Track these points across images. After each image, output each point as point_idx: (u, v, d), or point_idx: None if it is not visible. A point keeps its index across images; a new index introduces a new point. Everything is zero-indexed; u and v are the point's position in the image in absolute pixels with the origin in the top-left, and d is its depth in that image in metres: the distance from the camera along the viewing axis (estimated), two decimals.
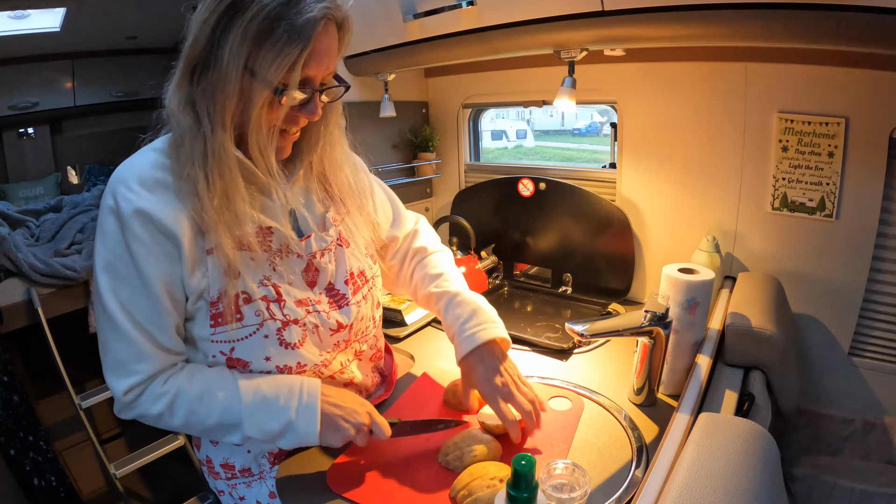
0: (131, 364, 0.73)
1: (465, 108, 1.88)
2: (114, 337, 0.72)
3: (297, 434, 0.77)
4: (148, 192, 0.70)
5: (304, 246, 0.82)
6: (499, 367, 0.90)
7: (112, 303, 0.71)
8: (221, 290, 0.73)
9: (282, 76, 0.67)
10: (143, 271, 0.70)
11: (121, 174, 0.72)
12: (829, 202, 1.25)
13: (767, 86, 1.27)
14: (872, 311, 1.29)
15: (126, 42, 3.47)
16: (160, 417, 0.75)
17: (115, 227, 0.70)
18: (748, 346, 1.01)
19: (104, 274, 0.71)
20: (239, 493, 0.89)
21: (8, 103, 3.24)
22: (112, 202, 0.70)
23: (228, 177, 0.70)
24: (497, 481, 0.73)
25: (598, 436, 0.91)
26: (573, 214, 1.60)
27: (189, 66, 0.70)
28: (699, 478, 0.60)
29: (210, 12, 0.66)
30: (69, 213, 1.95)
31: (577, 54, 1.12)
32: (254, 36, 0.65)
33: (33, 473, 1.58)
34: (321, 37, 0.68)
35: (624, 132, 1.51)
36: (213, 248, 0.73)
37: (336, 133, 0.85)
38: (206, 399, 0.75)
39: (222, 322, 0.74)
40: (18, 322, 1.56)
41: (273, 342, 0.77)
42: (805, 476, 1.18)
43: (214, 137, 0.69)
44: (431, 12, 1.21)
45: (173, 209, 0.70)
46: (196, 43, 0.68)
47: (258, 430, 0.76)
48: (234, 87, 0.67)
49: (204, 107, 0.70)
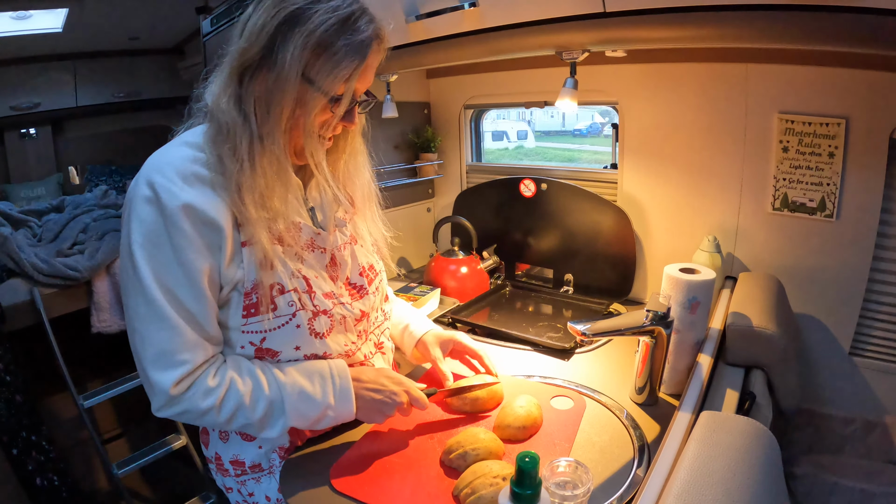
0: (178, 354, 0.71)
1: (466, 109, 1.89)
2: (158, 326, 0.70)
3: (336, 416, 0.83)
4: (189, 186, 0.71)
5: (330, 240, 0.87)
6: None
7: (156, 291, 0.70)
8: (256, 280, 0.75)
9: (337, 86, 0.73)
10: (187, 262, 0.71)
11: (157, 165, 0.72)
12: (829, 202, 1.26)
13: (768, 87, 1.27)
14: (873, 311, 1.29)
15: (128, 43, 3.48)
16: (205, 414, 0.74)
17: (155, 217, 0.69)
18: (749, 345, 1.01)
19: (146, 262, 0.69)
20: (248, 490, 0.89)
21: (10, 104, 3.25)
22: (150, 192, 0.69)
23: (272, 174, 0.74)
24: (500, 479, 0.73)
25: (600, 435, 0.91)
26: (575, 215, 1.61)
27: (240, 68, 0.73)
28: (700, 476, 0.60)
29: (269, 19, 0.70)
30: (71, 213, 1.95)
31: (579, 55, 1.12)
32: (313, 47, 0.70)
33: (36, 473, 1.58)
34: (372, 54, 0.74)
35: (625, 133, 1.52)
36: (248, 241, 0.75)
37: (360, 141, 0.91)
38: (254, 392, 0.76)
39: (255, 312, 0.76)
40: (21, 322, 1.56)
41: (304, 332, 0.80)
42: (806, 475, 1.18)
43: (267, 137, 0.73)
44: (434, 13, 1.22)
45: (214, 202, 0.72)
46: (251, 47, 0.71)
47: (300, 418, 0.80)
48: (292, 91, 0.71)
49: (252, 107, 0.73)
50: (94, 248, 1.72)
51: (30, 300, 1.57)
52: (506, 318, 1.49)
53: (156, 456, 1.71)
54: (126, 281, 0.72)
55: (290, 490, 0.81)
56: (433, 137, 1.89)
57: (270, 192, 0.75)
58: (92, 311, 1.68)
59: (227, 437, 0.88)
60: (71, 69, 3.43)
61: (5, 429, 1.52)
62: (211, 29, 2.11)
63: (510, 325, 1.40)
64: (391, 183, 1.79)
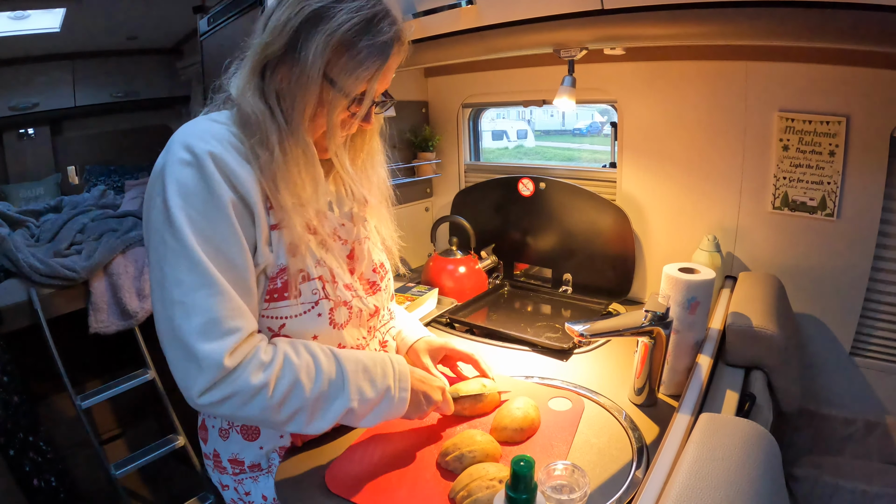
0: (231, 320, 0.67)
1: (464, 108, 1.88)
2: (206, 293, 0.66)
3: (391, 404, 0.81)
4: (226, 152, 0.70)
5: (353, 232, 0.88)
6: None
7: (202, 255, 0.66)
8: (284, 265, 0.75)
9: (359, 86, 0.73)
10: (230, 215, 0.69)
11: (191, 130, 0.71)
12: (830, 201, 1.25)
13: (768, 84, 1.26)
14: (874, 311, 1.28)
15: (126, 42, 3.47)
16: (257, 394, 0.68)
17: (194, 176, 0.67)
18: (749, 345, 1.00)
19: (188, 226, 0.66)
20: (245, 489, 0.89)
21: (8, 104, 3.24)
22: (187, 155, 0.68)
23: (302, 165, 0.75)
24: (496, 482, 0.73)
25: (599, 436, 0.90)
26: (573, 214, 1.60)
27: (262, 62, 0.73)
28: (700, 478, 0.59)
29: (293, 15, 0.70)
30: (69, 213, 1.95)
31: (577, 53, 1.11)
32: (335, 45, 0.70)
33: (33, 474, 1.57)
34: (394, 56, 0.75)
35: (624, 131, 1.51)
36: (279, 224, 0.75)
37: (378, 141, 0.92)
38: (311, 368, 0.74)
39: (278, 298, 0.76)
40: (18, 322, 1.56)
41: (324, 321, 0.80)
42: (806, 476, 1.17)
43: (294, 130, 0.73)
44: (431, 11, 1.21)
45: (247, 173, 0.71)
46: (274, 42, 0.71)
47: (359, 397, 0.77)
48: (314, 88, 0.71)
49: (276, 100, 0.74)
50: (91, 248, 1.72)
51: (27, 301, 1.57)
52: (504, 318, 1.49)
53: (154, 456, 1.71)
54: (160, 255, 0.67)
55: (285, 492, 0.80)
56: (431, 136, 1.89)
57: (302, 182, 0.75)
58: (89, 311, 1.68)
59: (228, 434, 0.87)
60: (69, 69, 3.42)
61: (2, 430, 1.52)
62: (208, 28, 2.10)
63: (508, 325, 1.39)
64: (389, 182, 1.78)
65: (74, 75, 3.45)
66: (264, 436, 0.86)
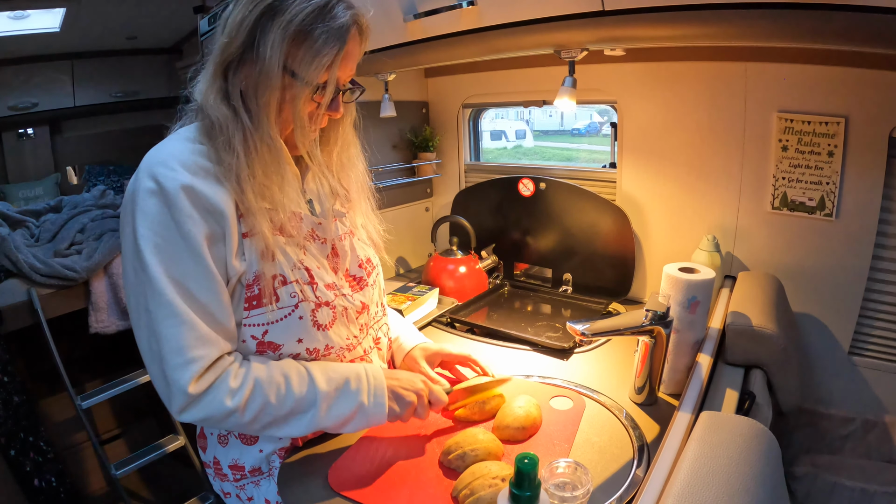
0: (194, 349, 0.69)
1: (465, 108, 1.88)
2: (169, 323, 0.68)
3: (367, 417, 0.82)
4: (192, 175, 0.70)
5: (331, 229, 0.87)
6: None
7: (166, 286, 0.68)
8: (258, 272, 0.75)
9: (319, 75, 0.73)
10: (197, 248, 0.69)
11: (159, 157, 0.71)
12: (828, 201, 1.26)
13: (767, 85, 1.27)
14: (872, 310, 1.29)
15: (126, 42, 3.46)
16: (229, 416, 0.72)
17: (160, 207, 0.68)
18: (749, 345, 1.01)
19: (154, 256, 0.68)
20: (247, 494, 0.89)
21: (8, 104, 3.24)
22: (152, 184, 0.68)
23: (268, 165, 0.74)
24: (499, 480, 0.73)
25: (600, 435, 0.91)
26: (573, 214, 1.61)
27: (223, 63, 0.73)
28: (700, 476, 0.60)
29: (248, 13, 0.70)
30: (69, 213, 1.94)
31: (578, 54, 1.12)
32: (292, 36, 0.70)
33: (34, 474, 1.57)
34: (352, 41, 0.74)
35: (624, 132, 1.52)
36: (250, 232, 0.75)
37: (352, 133, 0.91)
38: (281, 390, 0.75)
39: (258, 305, 0.76)
40: (19, 322, 1.56)
41: (306, 323, 0.79)
42: (806, 475, 1.18)
43: (259, 129, 0.73)
44: (432, 12, 1.21)
45: (217, 190, 0.72)
46: (232, 42, 0.72)
47: (330, 416, 0.79)
48: (276, 83, 0.71)
49: (240, 100, 0.74)
50: (91, 248, 1.72)
51: (27, 301, 1.56)
52: (504, 318, 1.49)
53: (154, 456, 1.71)
54: (132, 281, 0.70)
55: (288, 492, 0.80)
56: (431, 137, 1.89)
57: (269, 183, 0.75)
58: (90, 311, 1.68)
59: (227, 440, 0.87)
60: (69, 69, 3.41)
61: (3, 430, 1.52)
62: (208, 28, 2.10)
63: (509, 324, 1.40)
64: (389, 182, 1.78)
65: (74, 75, 3.44)
66: (263, 439, 0.86)
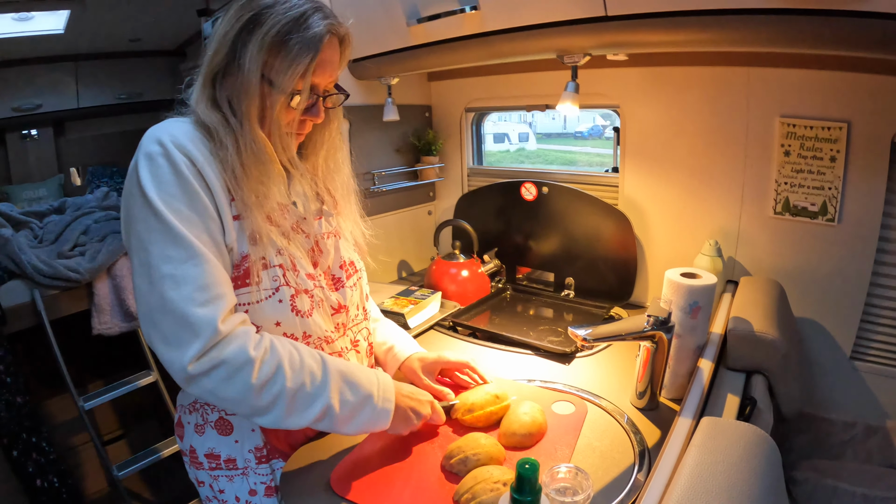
0: (219, 286, 0.72)
1: (468, 112, 1.89)
2: (192, 263, 0.70)
3: (374, 412, 0.81)
4: (192, 146, 0.74)
5: (314, 226, 0.90)
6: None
7: (182, 229, 0.71)
8: (245, 252, 0.78)
9: (294, 83, 0.76)
10: (203, 202, 0.74)
11: (161, 128, 0.75)
12: (831, 206, 1.26)
13: (770, 90, 1.27)
14: (874, 316, 1.29)
15: (129, 44, 3.48)
16: (243, 367, 0.70)
17: (167, 166, 0.72)
18: (750, 350, 1.01)
19: (166, 206, 0.70)
20: (219, 486, 0.90)
21: (11, 105, 3.25)
22: (157, 147, 0.72)
23: (257, 168, 0.78)
24: (501, 485, 0.73)
25: (601, 440, 0.91)
26: (576, 218, 1.61)
27: (211, 73, 0.79)
28: (701, 481, 0.60)
29: (231, 27, 0.76)
30: (72, 214, 1.95)
31: (581, 59, 1.12)
32: (269, 47, 0.74)
33: (36, 475, 1.58)
34: (327, 49, 0.78)
35: (627, 136, 1.52)
36: (240, 215, 0.78)
37: (338, 139, 0.94)
38: (295, 360, 0.76)
39: (241, 284, 0.78)
40: (22, 323, 1.57)
41: (286, 308, 0.81)
42: (806, 480, 1.18)
43: (244, 134, 0.77)
44: (435, 17, 1.22)
45: (210, 166, 0.76)
46: (217, 53, 0.77)
47: (340, 397, 0.78)
48: (255, 91, 0.76)
49: (228, 107, 0.79)
50: (94, 249, 1.72)
51: (31, 302, 1.57)
52: (507, 322, 1.49)
53: (156, 458, 1.71)
54: (145, 238, 0.71)
55: (290, 494, 0.81)
56: (434, 140, 1.90)
57: (259, 181, 0.79)
58: (92, 312, 1.69)
59: (203, 430, 0.88)
60: (72, 70, 3.43)
61: (5, 430, 1.52)
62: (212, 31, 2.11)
63: (511, 328, 1.40)
64: (392, 186, 1.79)
65: (78, 77, 3.46)
66: (237, 430, 0.87)
